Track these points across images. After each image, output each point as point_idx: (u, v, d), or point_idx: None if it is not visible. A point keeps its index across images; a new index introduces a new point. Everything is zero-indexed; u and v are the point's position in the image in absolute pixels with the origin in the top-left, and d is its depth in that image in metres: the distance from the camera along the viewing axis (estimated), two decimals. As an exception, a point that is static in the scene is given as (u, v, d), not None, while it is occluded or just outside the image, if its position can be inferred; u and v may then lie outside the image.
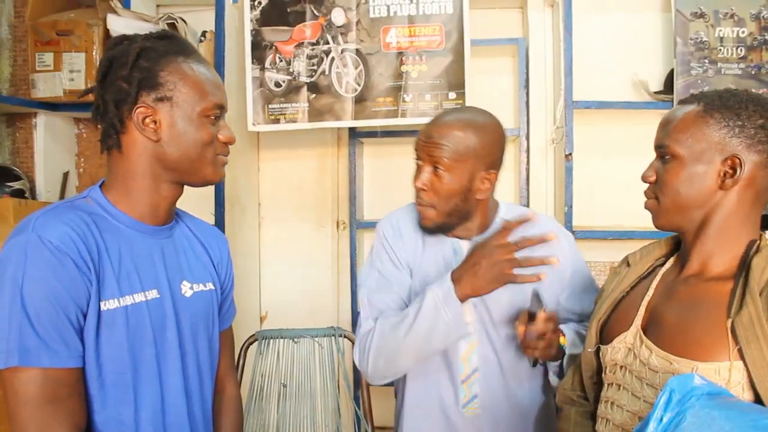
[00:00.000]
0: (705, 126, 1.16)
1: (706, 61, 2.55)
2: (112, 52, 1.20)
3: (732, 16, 2.57)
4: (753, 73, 2.56)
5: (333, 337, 2.20)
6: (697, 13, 2.56)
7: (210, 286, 1.34)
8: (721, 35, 2.57)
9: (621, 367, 1.24)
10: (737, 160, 1.14)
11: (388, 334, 1.51)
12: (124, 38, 1.22)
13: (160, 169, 1.21)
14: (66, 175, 3.01)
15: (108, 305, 1.12)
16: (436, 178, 1.54)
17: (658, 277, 1.29)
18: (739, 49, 2.57)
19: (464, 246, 1.62)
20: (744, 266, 1.14)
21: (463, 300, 1.43)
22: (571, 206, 2.55)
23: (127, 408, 1.16)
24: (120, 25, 2.57)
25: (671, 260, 1.31)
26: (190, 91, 1.19)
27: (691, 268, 1.22)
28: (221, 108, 1.24)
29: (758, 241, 1.17)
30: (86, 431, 1.12)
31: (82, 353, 1.10)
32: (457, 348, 1.59)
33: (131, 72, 1.16)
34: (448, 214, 1.56)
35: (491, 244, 1.41)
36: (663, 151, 1.21)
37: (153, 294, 1.20)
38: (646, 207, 1.28)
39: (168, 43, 1.21)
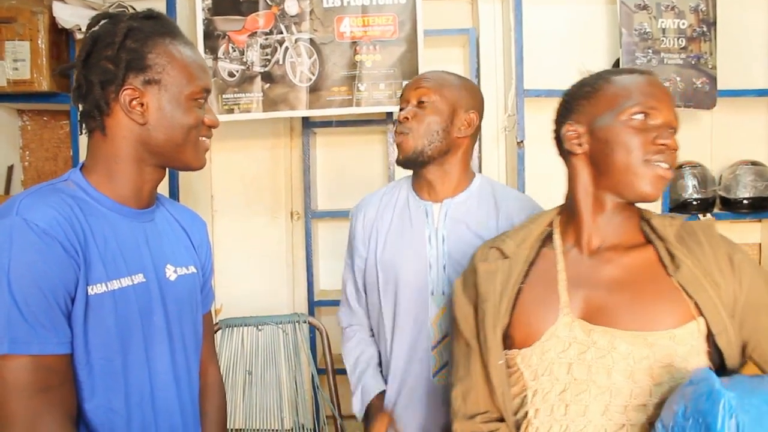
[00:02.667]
0: None
1: (650, 51, 2.65)
2: (96, 30, 1.16)
3: (673, 8, 2.67)
4: (693, 63, 2.67)
5: (297, 324, 2.21)
6: (640, 5, 2.65)
7: (192, 269, 1.33)
8: (664, 27, 2.66)
9: (560, 365, 1.13)
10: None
11: (347, 365, 1.79)
12: (106, 16, 1.19)
13: (144, 153, 1.18)
14: (10, 168, 2.92)
15: (95, 290, 1.09)
16: (419, 109, 1.60)
17: (560, 259, 1.21)
18: (680, 39, 2.67)
19: (435, 209, 1.64)
20: (650, 230, 1.18)
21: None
22: (524, 192, 2.61)
23: (117, 395, 1.13)
24: (67, 12, 2.51)
25: (557, 239, 1.25)
26: (179, 75, 1.17)
27: (594, 243, 1.19)
28: (207, 91, 1.23)
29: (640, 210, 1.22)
30: (77, 420, 1.09)
31: (71, 339, 1.07)
32: (428, 312, 1.60)
33: (118, 53, 1.13)
34: (426, 144, 1.59)
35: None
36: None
37: (139, 278, 1.17)
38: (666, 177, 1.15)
39: (155, 24, 1.18)
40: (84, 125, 1.19)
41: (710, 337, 1.08)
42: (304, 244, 2.92)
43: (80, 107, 1.18)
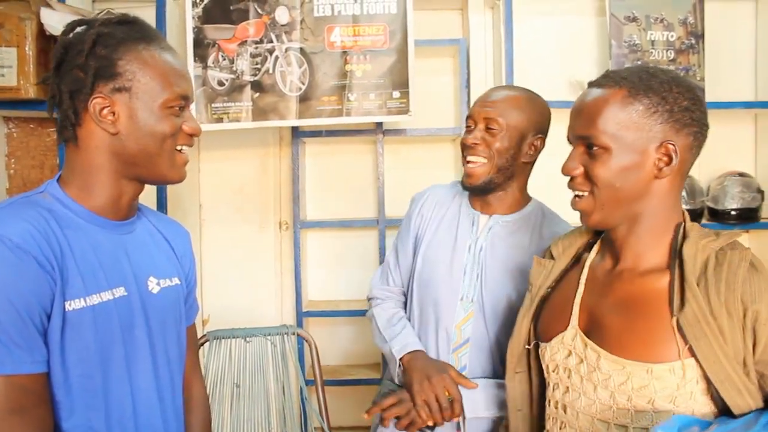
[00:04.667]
0: (634, 113, 1.09)
1: (639, 62, 2.67)
2: (68, 38, 1.13)
3: (662, 20, 2.69)
4: (682, 75, 2.68)
5: (285, 335, 2.18)
6: (630, 17, 2.67)
7: (176, 280, 1.29)
8: (653, 39, 2.69)
9: (564, 368, 1.19)
10: (672, 147, 1.09)
11: (375, 331, 1.76)
12: (80, 23, 1.15)
13: (118, 164, 1.14)
14: (-5, 176, 2.88)
15: (73, 305, 1.06)
16: (488, 134, 1.62)
17: (585, 271, 1.24)
18: (668, 51, 2.69)
19: (482, 220, 1.69)
20: (675, 255, 1.11)
21: (402, 360, 1.62)
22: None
23: (97, 413, 1.09)
24: (55, 19, 2.49)
25: (596, 248, 1.27)
26: (151, 82, 1.12)
27: (625, 263, 1.17)
28: (186, 98, 1.18)
29: (684, 224, 1.14)
30: None
31: (47, 358, 1.04)
32: (454, 315, 1.65)
33: (87, 60, 1.09)
34: (496, 170, 1.63)
35: (435, 390, 1.53)
36: (590, 143, 1.12)
37: (120, 292, 1.13)
38: (578, 206, 1.18)
39: (128, 29, 1.14)
40: (59, 136, 1.15)
41: (705, 376, 1.05)
42: (293, 255, 2.90)
43: (56, 117, 1.15)
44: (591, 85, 1.18)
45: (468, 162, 1.65)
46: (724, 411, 1.06)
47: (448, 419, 1.54)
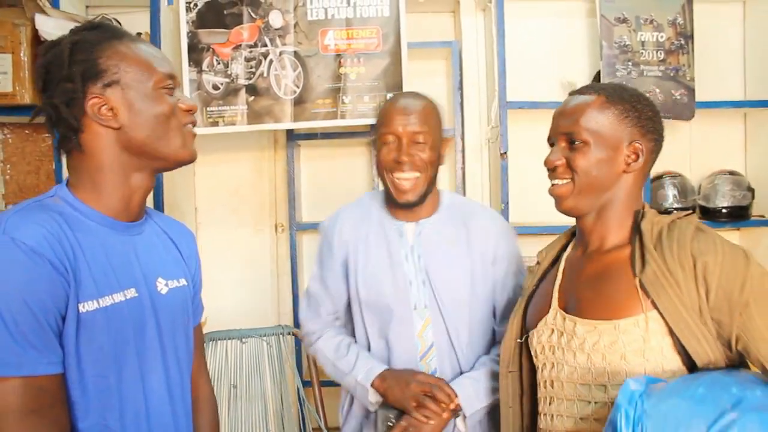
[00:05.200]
0: (610, 115, 1.30)
1: (630, 63, 2.69)
2: (45, 58, 1.15)
3: (652, 21, 2.72)
4: (671, 75, 2.72)
5: (281, 336, 2.20)
6: (620, 18, 2.70)
7: (183, 281, 1.31)
8: (643, 39, 2.71)
9: (549, 347, 1.33)
10: (639, 146, 1.30)
11: (327, 364, 1.76)
12: (53, 43, 1.17)
13: (128, 158, 1.17)
14: (-9, 182, 2.89)
15: (87, 307, 1.08)
16: (416, 148, 1.65)
17: (562, 263, 1.42)
18: (658, 52, 2.72)
19: (409, 228, 1.72)
20: (636, 231, 1.29)
21: (374, 386, 1.63)
22: (507, 203, 2.63)
23: (112, 412, 1.11)
24: (49, 25, 2.50)
25: (571, 245, 1.45)
26: (136, 69, 1.15)
27: (593, 245, 1.34)
28: (173, 78, 1.20)
29: (642, 209, 1.33)
30: None
31: (62, 359, 1.06)
32: (413, 327, 1.68)
33: (70, 68, 1.12)
34: (429, 181, 1.68)
35: (418, 383, 1.59)
36: (572, 138, 1.30)
37: (131, 293, 1.16)
38: (555, 192, 1.35)
39: (99, 32, 1.17)
40: (62, 148, 1.17)
41: (669, 330, 1.19)
42: (289, 256, 2.92)
43: (56, 134, 1.17)
44: (572, 93, 1.39)
45: (398, 179, 1.64)
46: (690, 366, 1.19)
47: (446, 407, 1.59)
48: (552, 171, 1.35)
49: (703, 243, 1.20)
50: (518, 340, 1.44)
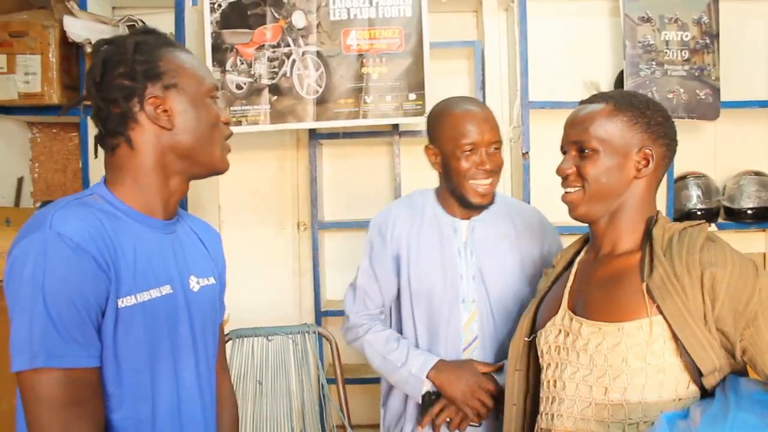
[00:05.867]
0: (619, 123, 1.31)
1: (654, 63, 2.68)
2: (103, 53, 1.19)
3: (676, 20, 2.70)
4: (696, 74, 2.70)
5: (306, 334, 2.23)
6: (644, 17, 2.68)
7: (212, 280, 1.34)
8: (667, 39, 2.69)
9: (555, 347, 1.35)
10: (649, 152, 1.31)
11: (375, 357, 1.80)
12: (108, 41, 1.21)
13: (172, 160, 1.21)
14: (20, 180, 2.95)
15: (125, 302, 1.11)
16: (495, 155, 1.75)
17: (575, 267, 1.43)
18: (683, 51, 2.70)
19: (463, 225, 1.78)
20: (647, 238, 1.30)
21: (429, 377, 1.70)
22: (529, 203, 2.63)
23: (145, 405, 1.15)
24: (77, 27, 2.54)
25: (584, 249, 1.46)
26: (190, 76, 1.21)
27: (604, 249, 1.36)
28: (217, 89, 1.28)
29: (655, 216, 1.33)
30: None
31: (100, 352, 1.09)
32: (459, 318, 1.75)
33: (132, 66, 1.16)
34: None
35: (478, 394, 1.67)
36: (582, 146, 1.32)
37: (166, 289, 1.19)
38: (567, 199, 1.37)
39: (155, 37, 1.22)
40: (104, 145, 1.20)
41: (673, 336, 1.20)
42: (311, 255, 2.94)
43: (100, 129, 1.20)
44: (582, 102, 1.41)
45: (479, 185, 1.72)
46: (693, 371, 1.20)
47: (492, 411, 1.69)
48: (564, 179, 1.38)
49: (712, 253, 1.21)
50: (526, 339, 1.46)
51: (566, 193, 1.37)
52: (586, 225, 1.47)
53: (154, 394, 1.16)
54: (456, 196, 1.76)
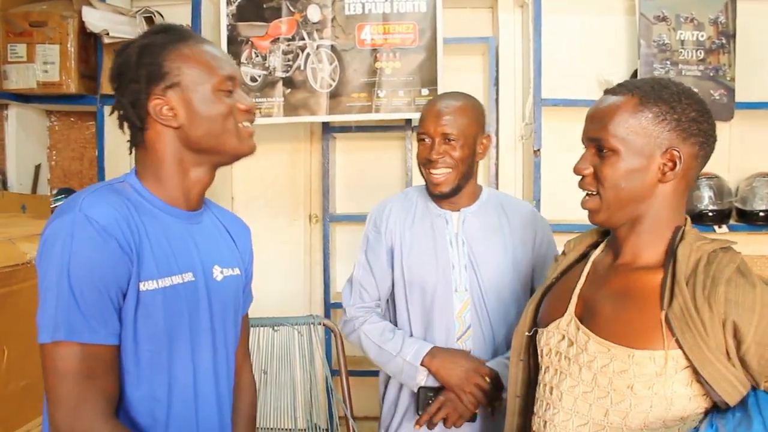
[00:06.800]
0: (644, 119, 1.15)
1: (668, 62, 2.67)
2: (118, 60, 1.23)
3: (692, 20, 2.68)
4: (711, 75, 2.68)
5: (312, 325, 2.25)
6: (659, 16, 2.67)
7: (237, 271, 1.37)
8: (682, 38, 2.68)
9: (556, 352, 1.26)
10: (676, 153, 1.15)
11: (372, 348, 1.81)
12: (127, 44, 1.25)
13: (188, 154, 1.24)
14: (38, 167, 3.00)
15: (147, 286, 1.15)
16: (448, 146, 1.73)
17: (589, 264, 1.31)
18: (698, 51, 2.68)
19: (454, 217, 1.81)
20: (671, 255, 1.16)
21: (423, 364, 1.72)
22: (539, 200, 2.64)
23: (161, 386, 1.19)
24: (95, 17, 2.58)
25: (602, 246, 1.33)
26: (197, 72, 1.21)
27: (624, 258, 1.23)
28: (233, 79, 1.26)
29: (683, 227, 1.19)
30: (121, 406, 1.16)
31: (119, 331, 1.13)
32: (453, 306, 1.77)
33: (137, 71, 1.19)
34: (461, 176, 1.75)
35: (474, 379, 1.68)
36: (600, 145, 1.18)
37: (188, 277, 1.23)
38: (586, 206, 1.24)
39: (165, 36, 1.24)
40: (131, 143, 1.25)
41: (693, 370, 1.10)
42: (322, 247, 2.96)
43: (123, 130, 1.25)
44: (606, 92, 1.24)
45: (432, 174, 1.74)
46: (710, 398, 1.12)
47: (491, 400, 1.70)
48: (581, 180, 1.24)
49: (740, 291, 1.08)
50: (527, 334, 1.37)
51: (585, 197, 1.24)
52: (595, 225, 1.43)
53: (170, 376, 1.20)
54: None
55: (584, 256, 1.38)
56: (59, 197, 2.82)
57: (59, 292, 1.07)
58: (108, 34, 2.61)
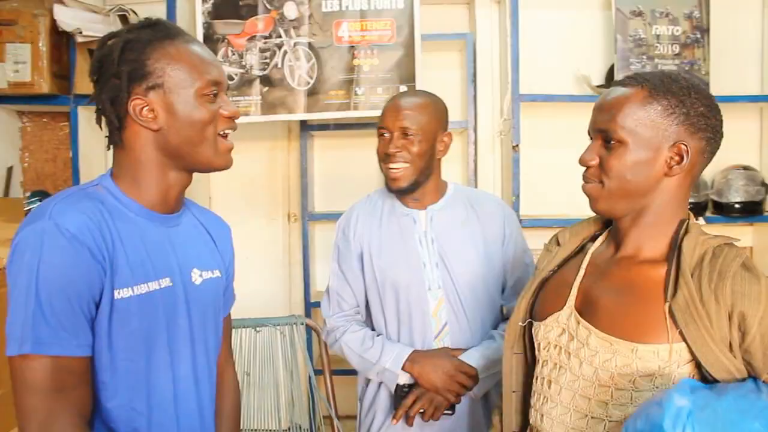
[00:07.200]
0: (652, 112, 1.15)
1: (645, 57, 2.69)
2: (100, 51, 1.18)
3: (667, 15, 2.71)
4: (686, 69, 2.71)
5: (294, 326, 2.24)
6: (635, 11, 2.69)
7: (217, 273, 1.34)
8: (658, 33, 2.70)
9: (555, 346, 1.25)
10: (684, 147, 1.15)
11: (353, 357, 1.82)
12: (110, 36, 1.20)
13: (164, 158, 1.20)
14: (10, 170, 2.94)
15: (122, 294, 1.12)
16: (406, 141, 1.73)
17: (588, 257, 1.30)
18: (674, 46, 2.71)
19: (421, 215, 1.82)
20: (675, 248, 1.17)
21: (405, 369, 1.73)
22: (519, 195, 2.64)
23: (139, 395, 1.16)
24: (67, 15, 2.53)
25: (601, 238, 1.33)
26: (181, 74, 1.17)
27: (626, 251, 1.23)
28: (217, 84, 1.21)
29: (687, 221, 1.20)
30: (99, 417, 1.13)
31: (91, 343, 1.10)
32: (428, 306, 1.78)
33: (119, 67, 1.15)
34: (418, 172, 1.75)
35: (457, 378, 1.70)
36: (608, 136, 1.18)
37: (165, 282, 1.19)
38: (586, 191, 1.24)
39: (152, 31, 1.18)
40: (108, 140, 1.21)
41: (696, 363, 1.11)
42: (301, 246, 2.95)
43: (101, 126, 1.21)
44: (615, 84, 1.24)
45: (390, 169, 1.75)
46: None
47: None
48: (586, 171, 1.24)
49: (746, 284, 1.09)
50: (521, 324, 1.36)
51: (585, 183, 1.24)
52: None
53: (149, 385, 1.17)
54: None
55: (582, 248, 1.36)
56: (33, 200, 2.76)
57: (27, 303, 1.04)
58: (81, 32, 2.56)
